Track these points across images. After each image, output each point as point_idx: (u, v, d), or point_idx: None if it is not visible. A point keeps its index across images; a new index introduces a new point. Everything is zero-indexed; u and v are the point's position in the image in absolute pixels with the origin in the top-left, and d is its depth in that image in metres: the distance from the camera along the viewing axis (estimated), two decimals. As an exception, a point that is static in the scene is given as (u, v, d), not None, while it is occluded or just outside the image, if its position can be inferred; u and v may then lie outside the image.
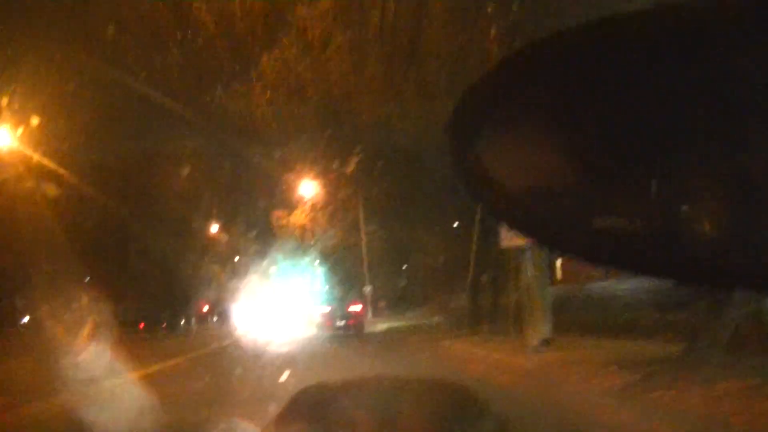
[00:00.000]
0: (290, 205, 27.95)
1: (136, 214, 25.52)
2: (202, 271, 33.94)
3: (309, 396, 0.94)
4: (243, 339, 20.68)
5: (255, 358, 13.25)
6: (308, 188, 26.74)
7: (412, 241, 25.74)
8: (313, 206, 27.52)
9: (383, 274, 28.43)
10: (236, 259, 35.36)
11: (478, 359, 10.98)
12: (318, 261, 31.82)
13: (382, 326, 23.66)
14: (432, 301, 26.11)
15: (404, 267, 29.38)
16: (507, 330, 13.06)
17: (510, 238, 10.85)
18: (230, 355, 16.17)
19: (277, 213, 28.77)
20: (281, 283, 36.56)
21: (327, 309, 22.87)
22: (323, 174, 24.97)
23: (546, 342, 10.90)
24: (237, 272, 35.27)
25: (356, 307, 22.77)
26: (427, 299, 27.46)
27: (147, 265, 31.56)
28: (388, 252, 27.39)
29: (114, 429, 5.95)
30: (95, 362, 11.37)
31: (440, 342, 14.90)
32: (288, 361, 12.11)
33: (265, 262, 33.78)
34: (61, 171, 20.62)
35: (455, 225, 24.19)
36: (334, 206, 26.55)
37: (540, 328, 10.92)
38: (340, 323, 22.06)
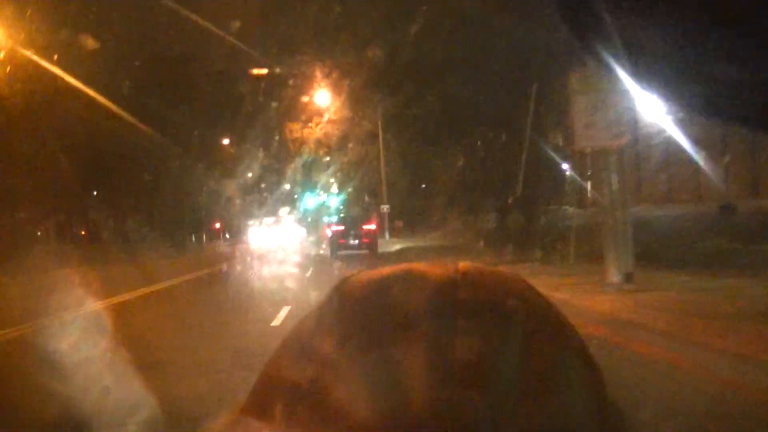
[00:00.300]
0: (305, 117, 24.66)
1: (143, 125, 22.24)
2: (214, 186, 31.20)
3: (349, 291, 0.41)
4: (248, 259, 18.19)
5: (253, 285, 10.49)
6: (323, 99, 23.28)
7: (433, 159, 22.54)
8: (330, 119, 24.16)
9: (401, 193, 25.42)
10: (249, 174, 32.28)
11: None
12: (333, 178, 28.88)
13: (399, 246, 20.83)
14: (454, 223, 23.03)
15: (423, 186, 26.20)
16: (565, 259, 9.85)
17: (590, 137, 7.49)
18: (227, 280, 13.46)
19: (291, 125, 25.45)
20: (294, 200, 33.67)
21: (340, 227, 20.18)
22: (339, 83, 21.57)
23: (628, 277, 7.72)
24: (250, 189, 32.55)
25: (370, 226, 20.23)
26: (448, 220, 24.39)
27: (156, 180, 28.61)
28: (406, 170, 24.31)
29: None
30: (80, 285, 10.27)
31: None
32: (289, 290, 9.25)
33: (278, 178, 30.84)
34: (56, 73, 17.44)
35: (479, 143, 21.01)
36: (350, 119, 23.20)
37: (623, 260, 7.71)
38: (353, 242, 19.61)
